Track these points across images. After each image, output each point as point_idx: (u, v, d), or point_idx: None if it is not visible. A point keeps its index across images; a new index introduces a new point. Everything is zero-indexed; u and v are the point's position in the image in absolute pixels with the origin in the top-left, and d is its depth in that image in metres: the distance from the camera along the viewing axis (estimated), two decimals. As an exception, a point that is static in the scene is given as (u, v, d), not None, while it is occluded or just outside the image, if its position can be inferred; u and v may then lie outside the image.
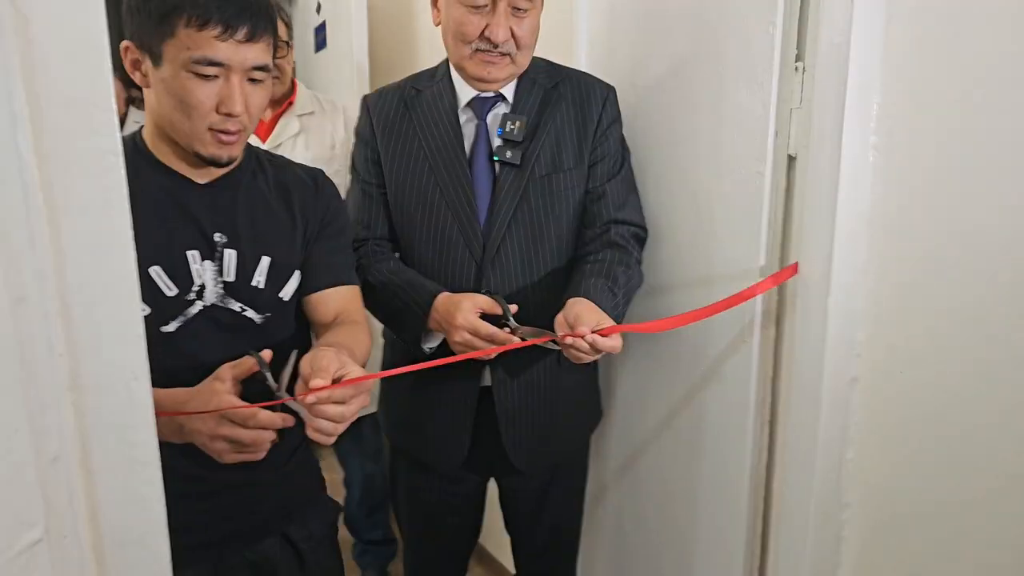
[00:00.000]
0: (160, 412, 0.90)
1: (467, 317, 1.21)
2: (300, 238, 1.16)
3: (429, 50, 2.32)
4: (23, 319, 0.47)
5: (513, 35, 1.26)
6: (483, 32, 1.25)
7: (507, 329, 1.22)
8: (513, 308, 1.25)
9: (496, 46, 1.26)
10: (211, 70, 0.97)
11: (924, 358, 1.09)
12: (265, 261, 1.11)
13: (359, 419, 2.18)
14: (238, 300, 1.09)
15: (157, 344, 1.02)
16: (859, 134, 1.10)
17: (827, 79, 1.10)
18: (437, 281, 1.34)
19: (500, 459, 1.42)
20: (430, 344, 1.34)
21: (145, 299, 1.02)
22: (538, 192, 1.32)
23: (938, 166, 1.04)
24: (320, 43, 2.65)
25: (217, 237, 1.08)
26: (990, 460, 1.02)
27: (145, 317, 1.00)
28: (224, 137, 1.02)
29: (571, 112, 1.35)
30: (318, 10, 2.66)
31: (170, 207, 1.06)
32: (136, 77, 1.01)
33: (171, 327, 1.05)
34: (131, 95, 3.11)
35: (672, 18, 1.40)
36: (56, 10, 0.52)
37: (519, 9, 1.25)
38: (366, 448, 2.27)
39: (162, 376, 0.95)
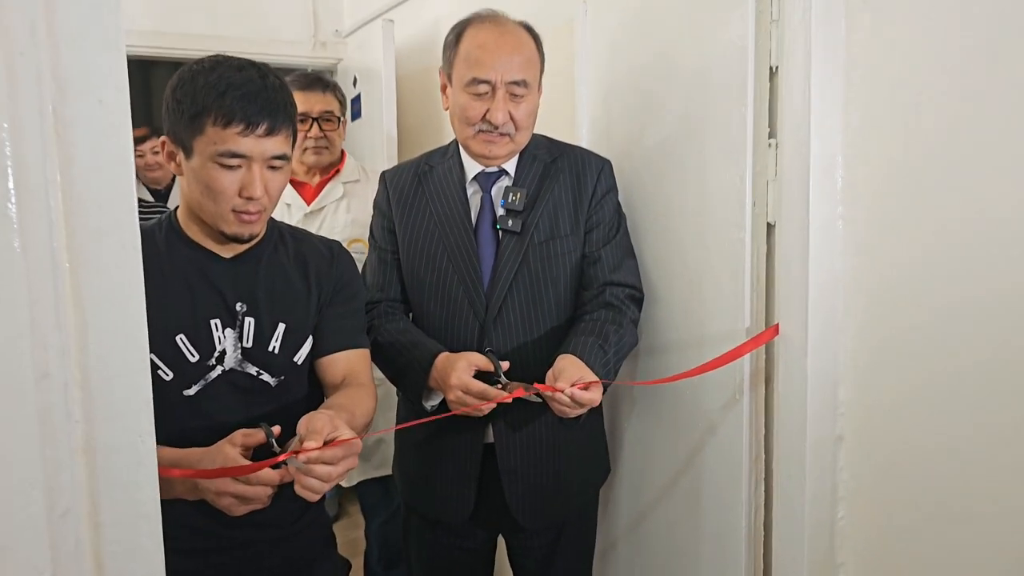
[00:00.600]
0: (169, 472, 1.01)
1: (460, 376, 1.28)
2: (314, 305, 1.26)
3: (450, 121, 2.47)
4: (45, 391, 0.57)
5: (511, 118, 1.38)
6: (484, 115, 1.38)
7: (499, 385, 1.29)
8: (505, 365, 1.32)
9: (496, 127, 1.38)
10: (234, 161, 1.10)
11: (907, 416, 1.13)
12: (281, 327, 1.21)
13: (384, 476, 2.26)
14: (255, 364, 1.19)
15: (179, 406, 1.14)
16: (827, 205, 1.17)
17: (792, 156, 1.19)
18: (444, 339, 1.44)
19: (505, 515, 1.47)
20: (431, 402, 1.41)
21: (169, 364, 1.14)
22: (537, 257, 1.43)
23: (902, 235, 1.11)
24: (356, 113, 2.84)
25: (238, 307, 1.19)
26: (980, 515, 1.05)
27: (168, 381, 1.14)
28: (245, 217, 1.14)
29: (568, 183, 1.46)
30: (355, 83, 2.86)
31: (197, 279, 1.18)
32: (171, 167, 1.15)
33: (192, 391, 1.15)
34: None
35: (659, 101, 1.51)
36: (91, 126, 0.63)
37: (516, 96, 1.38)
38: (387, 504, 2.34)
39: (182, 435, 1.09)
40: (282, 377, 1.22)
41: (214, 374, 1.17)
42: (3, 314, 0.54)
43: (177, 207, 1.23)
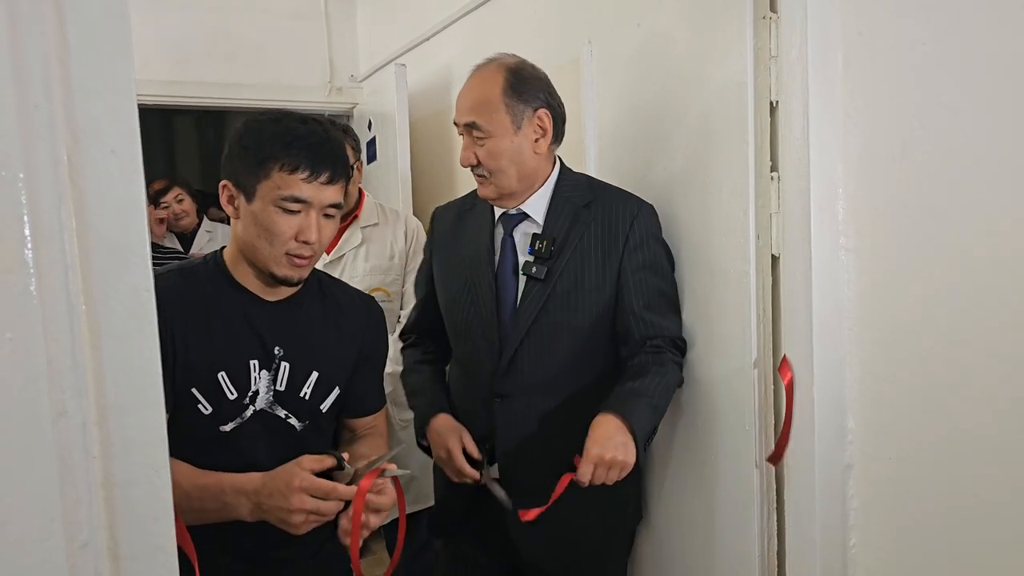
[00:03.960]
0: (221, 491, 1.09)
1: (450, 446, 1.42)
2: (349, 359, 1.32)
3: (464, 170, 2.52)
4: (63, 429, 0.59)
5: (477, 159, 1.39)
6: (465, 159, 1.43)
7: (483, 475, 1.41)
8: (495, 473, 1.42)
9: (474, 169, 1.42)
10: (295, 206, 1.16)
11: (915, 443, 1.12)
12: (314, 375, 1.26)
13: (414, 513, 2.26)
14: (284, 408, 1.24)
15: (215, 442, 1.19)
16: (830, 236, 1.18)
17: (794, 188, 1.20)
18: (466, 378, 1.51)
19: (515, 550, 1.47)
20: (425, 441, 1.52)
21: (209, 400, 1.19)
22: (558, 306, 1.39)
23: (905, 264, 1.12)
24: (371, 156, 2.91)
25: (276, 350, 1.23)
26: (993, 543, 1.04)
27: (207, 415, 1.18)
28: (298, 261, 1.20)
29: (598, 232, 1.41)
30: (369, 127, 2.94)
31: (240, 320, 1.22)
32: (229, 210, 1.20)
33: (228, 427, 1.20)
34: (201, 209, 3.44)
35: (663, 136, 1.54)
36: (104, 174, 0.66)
37: (476, 138, 1.39)
38: (414, 542, 2.33)
39: (214, 468, 1.14)
40: (306, 423, 1.27)
41: (248, 412, 1.21)
42: (21, 355, 0.56)
43: (223, 248, 1.28)
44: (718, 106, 1.38)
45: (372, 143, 2.90)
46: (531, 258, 1.41)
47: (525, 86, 1.40)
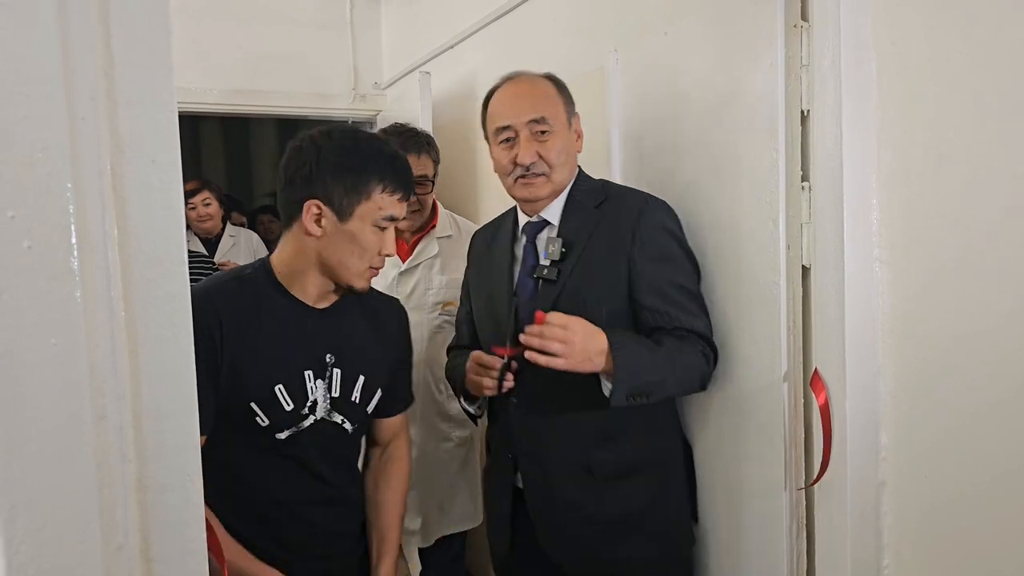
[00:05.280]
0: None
1: (473, 353, 1.46)
2: (388, 360, 1.38)
3: (487, 176, 2.52)
4: (103, 432, 0.60)
5: (540, 156, 1.42)
6: (515, 160, 1.43)
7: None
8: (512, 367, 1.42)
9: (528, 168, 1.42)
10: (388, 223, 1.23)
11: (951, 460, 1.10)
12: (361, 379, 1.30)
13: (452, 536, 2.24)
14: (340, 413, 1.28)
15: (271, 449, 1.23)
16: (863, 247, 1.17)
17: (826, 198, 1.19)
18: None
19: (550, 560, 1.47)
20: (472, 406, 1.57)
21: (266, 412, 1.21)
22: (568, 307, 1.37)
23: (940, 276, 1.10)
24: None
25: (327, 358, 1.27)
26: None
27: (264, 427, 1.21)
28: (374, 272, 1.26)
29: (608, 231, 1.43)
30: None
31: (294, 330, 1.25)
32: (312, 227, 1.21)
33: (283, 435, 1.23)
34: (225, 214, 3.49)
35: (690, 144, 1.53)
36: (145, 184, 0.67)
37: (540, 133, 1.42)
38: (446, 553, 2.29)
39: (270, 471, 1.21)
40: (356, 425, 1.32)
41: (307, 423, 1.25)
42: (65, 360, 0.57)
43: (268, 256, 1.30)
44: (747, 115, 1.37)
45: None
46: (547, 262, 1.44)
47: (565, 89, 1.50)
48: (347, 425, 1.29)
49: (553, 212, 1.48)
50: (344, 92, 3.39)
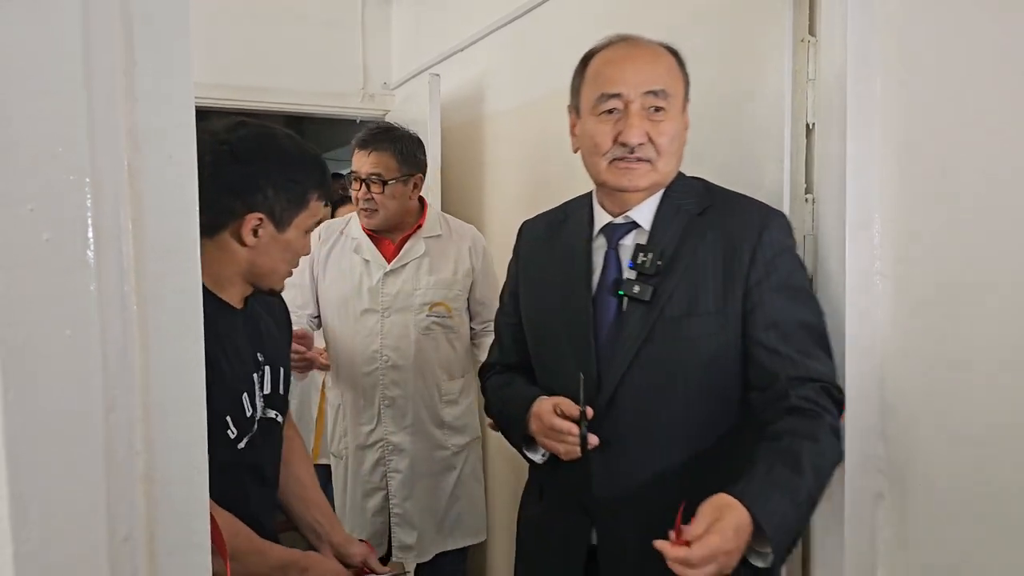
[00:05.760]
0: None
1: (541, 405, 1.19)
2: (287, 346, 1.42)
3: (494, 180, 2.54)
4: (113, 424, 0.61)
5: (650, 139, 1.16)
6: (616, 138, 1.17)
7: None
8: (588, 412, 1.14)
9: (632, 150, 1.16)
10: (314, 227, 1.26)
11: (948, 474, 1.11)
12: (281, 371, 1.33)
13: (462, 549, 2.16)
14: (273, 408, 1.29)
15: (231, 463, 1.19)
16: (864, 261, 1.18)
17: (828, 211, 1.20)
18: None
19: None
20: (535, 455, 1.27)
21: (236, 423, 1.20)
22: (667, 335, 1.15)
23: (941, 290, 1.11)
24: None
25: (259, 356, 1.27)
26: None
27: (232, 438, 1.18)
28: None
29: (718, 244, 1.17)
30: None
31: (235, 337, 1.23)
32: (249, 238, 1.17)
33: (242, 443, 1.22)
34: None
35: (696, 155, 1.53)
36: (160, 179, 0.68)
37: (655, 110, 1.16)
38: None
39: (233, 488, 1.17)
40: (282, 416, 1.33)
41: (255, 425, 1.24)
42: (79, 352, 0.58)
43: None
44: (753, 127, 1.39)
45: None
46: (633, 275, 1.18)
47: (685, 67, 1.23)
48: (279, 418, 1.31)
49: (644, 213, 1.22)
50: (353, 91, 3.40)
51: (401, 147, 2.02)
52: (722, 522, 0.93)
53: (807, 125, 1.32)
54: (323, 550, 1.36)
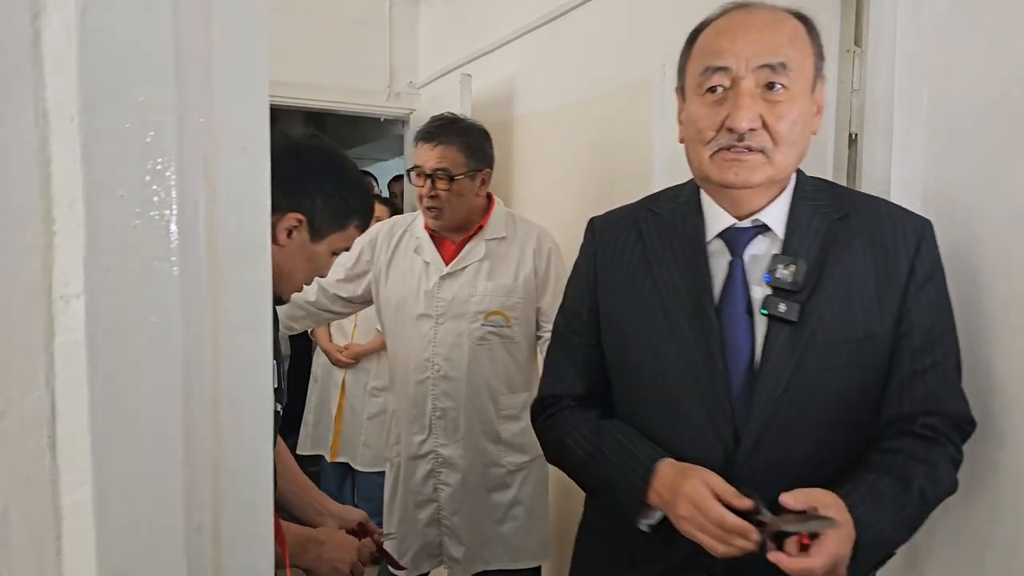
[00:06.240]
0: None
1: (696, 487, 0.92)
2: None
3: (523, 182, 2.54)
4: (189, 413, 0.62)
5: (764, 124, 0.95)
6: (723, 123, 0.96)
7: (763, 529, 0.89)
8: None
9: (741, 137, 0.95)
10: (343, 252, 1.29)
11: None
12: (281, 367, 1.34)
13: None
14: (279, 401, 1.31)
15: None
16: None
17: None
18: None
19: None
20: (648, 520, 1.03)
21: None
22: (820, 363, 0.97)
23: (983, 300, 1.11)
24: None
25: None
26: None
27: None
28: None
29: (868, 256, 1.00)
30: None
31: None
32: (282, 236, 1.20)
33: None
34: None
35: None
36: (235, 171, 0.68)
37: (772, 89, 0.95)
38: None
39: None
40: (282, 408, 1.36)
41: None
42: (163, 339, 0.59)
43: None
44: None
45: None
46: (769, 290, 0.99)
47: (818, 37, 1.02)
48: (281, 411, 1.33)
49: (775, 215, 1.02)
50: (379, 89, 3.42)
51: (468, 140, 1.89)
52: (840, 531, 0.86)
53: (850, 135, 1.32)
54: (327, 523, 1.42)
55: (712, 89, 0.97)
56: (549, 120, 2.34)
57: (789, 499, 0.87)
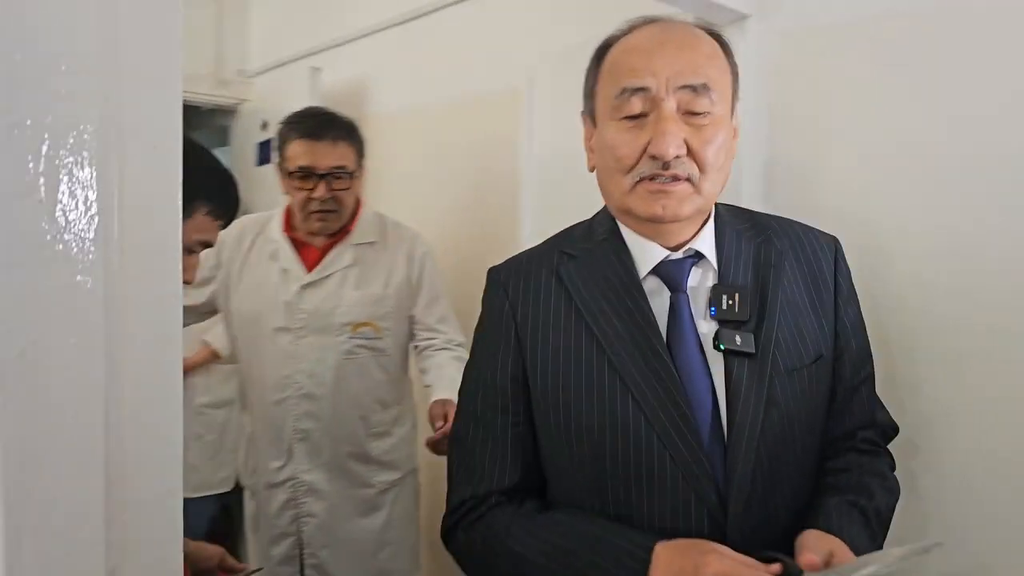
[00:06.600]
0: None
1: (723, 561, 0.77)
2: None
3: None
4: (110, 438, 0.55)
5: (689, 148, 0.86)
6: (645, 149, 0.86)
7: None
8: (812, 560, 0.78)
9: (667, 165, 0.85)
10: (200, 248, 1.11)
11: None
12: None
13: None
14: None
15: None
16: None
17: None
18: None
19: None
20: None
21: None
22: (787, 394, 0.90)
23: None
24: (264, 158, 2.76)
25: None
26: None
27: None
28: None
29: (798, 276, 0.96)
30: (264, 127, 2.79)
31: None
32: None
33: None
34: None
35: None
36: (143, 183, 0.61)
37: (694, 114, 0.86)
38: None
39: None
40: None
41: None
42: (84, 357, 0.52)
43: None
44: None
45: (266, 145, 2.77)
46: (715, 324, 0.91)
47: (733, 59, 0.95)
48: None
49: (707, 243, 0.95)
50: (202, 75, 3.16)
51: (358, 136, 1.76)
52: (839, 555, 0.80)
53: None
54: None
55: (632, 116, 0.87)
56: (408, 121, 2.30)
57: (814, 559, 0.78)
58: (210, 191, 1.06)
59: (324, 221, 1.71)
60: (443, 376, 1.70)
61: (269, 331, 1.73)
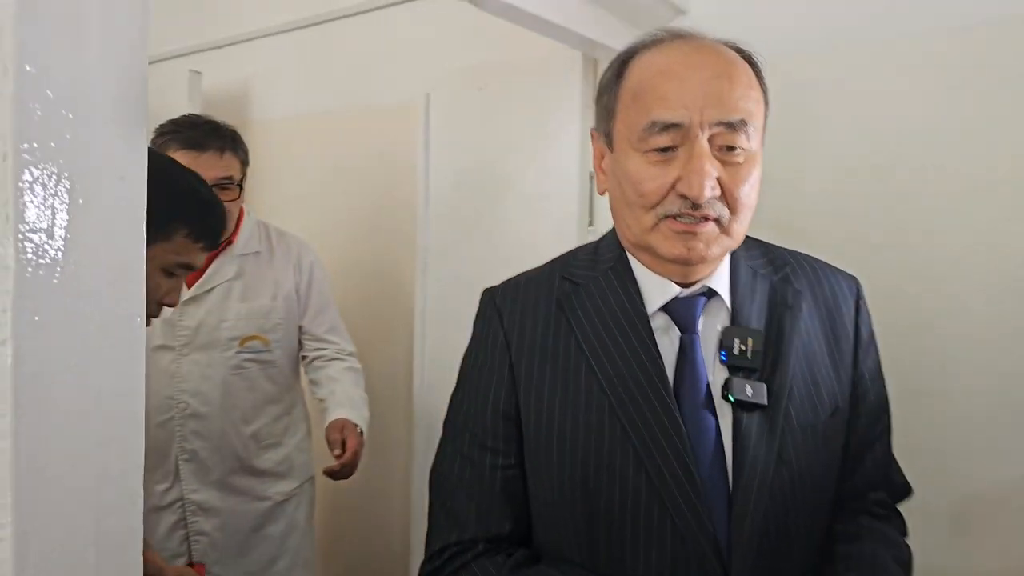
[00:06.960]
0: None
1: None
2: None
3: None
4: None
5: (723, 189, 0.78)
6: (674, 186, 0.78)
7: None
8: None
9: (697, 206, 0.77)
10: (181, 272, 1.11)
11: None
12: None
13: None
14: None
15: None
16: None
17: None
18: None
19: None
20: None
21: None
22: (799, 452, 0.82)
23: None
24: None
25: None
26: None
27: None
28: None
29: (816, 320, 0.88)
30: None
31: None
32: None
33: None
34: None
35: (501, 190, 1.76)
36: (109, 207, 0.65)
37: (731, 150, 0.78)
38: None
39: None
40: None
41: None
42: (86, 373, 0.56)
43: None
44: (551, 172, 1.67)
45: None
46: (725, 370, 0.83)
47: (764, 82, 0.85)
48: None
49: (721, 279, 0.87)
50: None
51: (242, 144, 1.69)
52: None
53: (590, 173, 1.61)
54: None
55: (662, 149, 0.78)
56: (294, 128, 2.30)
57: None
58: (190, 213, 1.07)
59: None
60: (336, 392, 1.71)
61: (149, 350, 1.64)
